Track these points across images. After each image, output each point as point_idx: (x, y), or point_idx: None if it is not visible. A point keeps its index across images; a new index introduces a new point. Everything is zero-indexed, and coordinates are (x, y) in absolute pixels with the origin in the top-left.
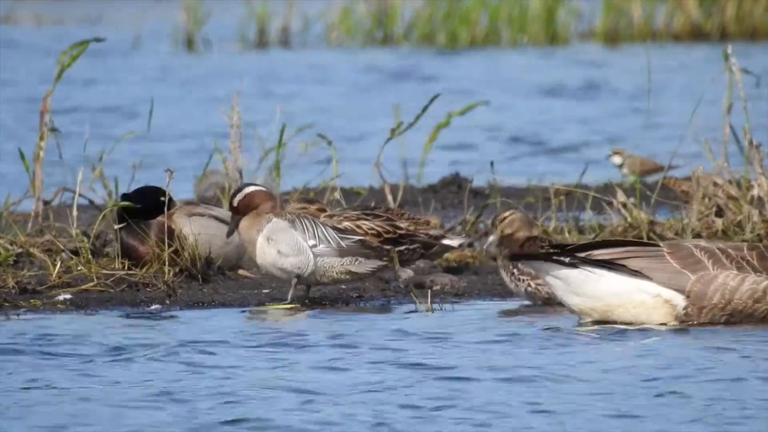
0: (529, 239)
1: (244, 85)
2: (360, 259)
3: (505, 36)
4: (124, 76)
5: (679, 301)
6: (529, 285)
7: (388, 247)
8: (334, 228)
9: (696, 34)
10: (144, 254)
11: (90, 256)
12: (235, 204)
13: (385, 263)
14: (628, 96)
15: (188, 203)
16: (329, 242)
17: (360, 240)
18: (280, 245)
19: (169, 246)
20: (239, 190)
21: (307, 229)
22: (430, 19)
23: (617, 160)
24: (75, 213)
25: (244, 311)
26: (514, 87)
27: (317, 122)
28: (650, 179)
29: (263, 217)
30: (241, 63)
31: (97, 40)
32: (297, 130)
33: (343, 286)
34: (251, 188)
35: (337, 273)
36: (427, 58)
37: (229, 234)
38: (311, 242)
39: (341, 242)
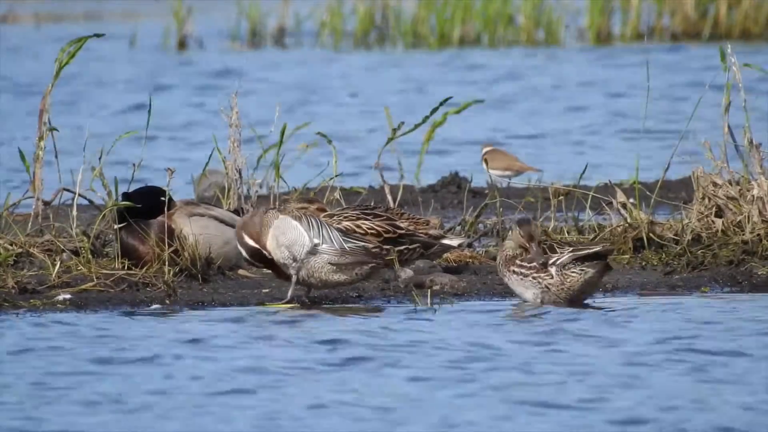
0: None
1: (241, 84)
2: (348, 257)
3: (498, 36)
4: (121, 76)
5: None
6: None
7: (388, 247)
8: (339, 230)
9: (690, 35)
10: (144, 254)
11: (90, 256)
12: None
13: (375, 265)
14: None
15: (188, 203)
16: (332, 243)
17: (362, 246)
18: (281, 236)
19: (169, 246)
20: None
21: (312, 227)
22: (420, 19)
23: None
24: (75, 213)
25: (243, 311)
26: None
27: (314, 122)
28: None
29: (270, 214)
30: (235, 62)
31: (97, 35)
32: (291, 127)
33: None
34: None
35: (326, 273)
36: (421, 57)
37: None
38: (315, 240)
39: (344, 245)
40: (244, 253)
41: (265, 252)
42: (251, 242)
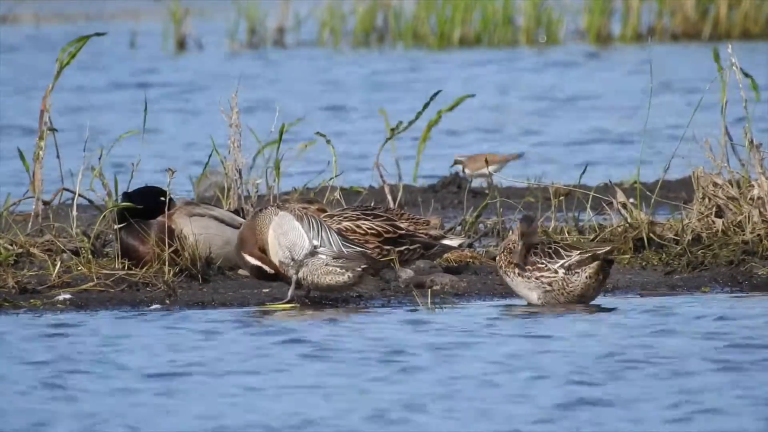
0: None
1: (238, 85)
2: (345, 261)
3: (497, 36)
4: (120, 75)
5: None
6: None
7: (389, 248)
8: (339, 233)
9: (690, 35)
10: (144, 254)
11: (90, 256)
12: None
13: (369, 268)
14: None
15: (188, 203)
16: (331, 246)
17: (361, 252)
18: (281, 237)
19: (170, 246)
20: None
21: (312, 227)
22: (420, 19)
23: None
24: (75, 213)
25: (243, 311)
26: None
27: (312, 122)
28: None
29: (268, 211)
30: (233, 63)
31: (98, 34)
32: (288, 125)
33: None
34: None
35: (318, 276)
36: (418, 57)
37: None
38: (315, 242)
39: (343, 249)
40: (247, 272)
41: (266, 268)
42: (252, 260)
